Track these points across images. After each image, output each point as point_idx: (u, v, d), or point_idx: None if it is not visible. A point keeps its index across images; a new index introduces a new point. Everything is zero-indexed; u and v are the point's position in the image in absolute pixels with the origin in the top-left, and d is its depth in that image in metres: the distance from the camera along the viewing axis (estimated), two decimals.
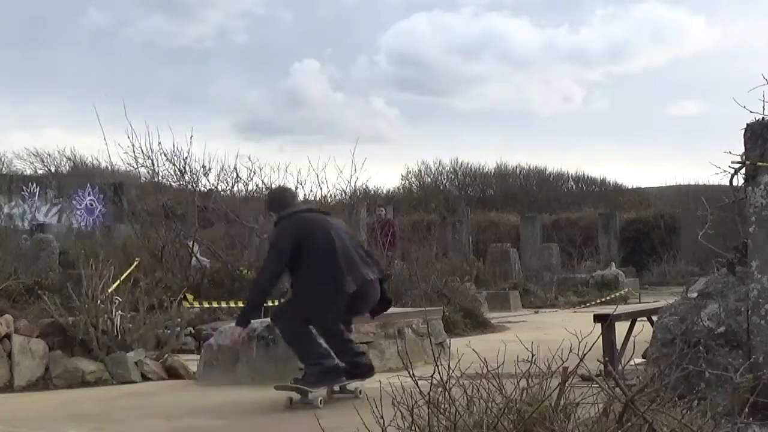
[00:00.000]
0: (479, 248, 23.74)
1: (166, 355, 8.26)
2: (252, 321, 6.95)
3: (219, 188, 15.00)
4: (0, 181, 25.91)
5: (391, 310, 9.02)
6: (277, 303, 9.29)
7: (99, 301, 8.02)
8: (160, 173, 14.44)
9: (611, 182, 37.83)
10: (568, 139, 54.89)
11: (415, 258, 14.27)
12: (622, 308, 8.79)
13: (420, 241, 16.48)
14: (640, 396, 3.23)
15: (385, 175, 58.17)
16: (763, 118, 4.23)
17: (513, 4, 62.00)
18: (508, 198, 34.92)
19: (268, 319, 8.06)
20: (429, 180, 37.54)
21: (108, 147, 24.88)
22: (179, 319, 9.00)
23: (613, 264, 22.23)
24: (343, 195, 16.60)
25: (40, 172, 32.44)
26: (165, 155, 14.08)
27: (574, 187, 37.77)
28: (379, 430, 3.33)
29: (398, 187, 36.51)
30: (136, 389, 7.44)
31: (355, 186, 15.61)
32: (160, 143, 14.05)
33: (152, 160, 14.08)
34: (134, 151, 13.90)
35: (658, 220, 28.26)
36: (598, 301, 17.56)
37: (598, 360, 3.83)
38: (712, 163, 4.32)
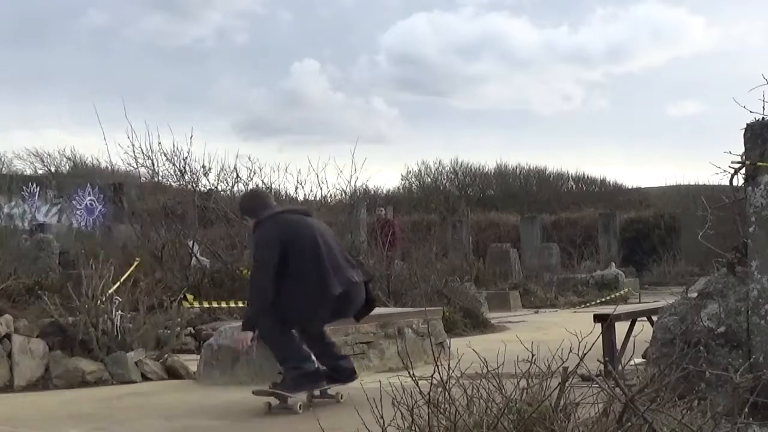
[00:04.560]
0: (479, 248, 23.75)
1: (166, 355, 8.26)
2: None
3: (219, 188, 15.01)
4: (0, 181, 25.91)
5: (392, 310, 9.01)
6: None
7: (99, 301, 8.02)
8: (160, 173, 14.46)
9: (611, 182, 37.86)
10: (568, 139, 54.93)
11: (415, 258, 14.27)
12: (622, 308, 8.79)
13: (420, 241, 16.47)
14: (640, 396, 3.23)
15: (385, 175, 58.21)
16: (763, 118, 4.23)
17: (513, 4, 62.04)
18: (508, 198, 34.93)
19: None
20: (429, 180, 37.55)
21: (108, 147, 24.95)
22: (179, 319, 9.00)
23: (613, 264, 22.23)
24: (343, 195, 16.62)
25: (40, 172, 32.43)
26: (165, 155, 14.10)
27: (574, 187, 37.77)
28: (379, 430, 3.33)
29: (398, 187, 36.54)
30: (136, 389, 7.44)
31: (355, 186, 15.63)
32: (160, 143, 14.07)
33: (152, 160, 14.10)
34: (134, 151, 13.92)
35: (658, 220, 28.27)
36: (598, 301, 17.56)
37: (598, 360, 3.83)
38: (712, 163, 4.33)
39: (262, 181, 15.40)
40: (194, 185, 14.47)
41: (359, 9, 61.93)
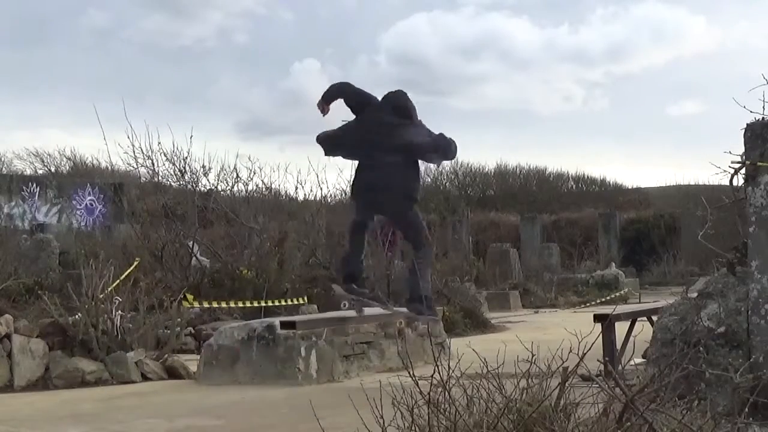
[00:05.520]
0: (479, 248, 23.74)
1: (166, 355, 8.26)
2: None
3: (219, 188, 15.02)
4: (0, 181, 25.91)
5: (391, 310, 8.99)
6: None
7: (99, 301, 8.02)
8: (160, 173, 14.47)
9: (611, 182, 37.91)
10: (568, 139, 54.93)
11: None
12: (622, 308, 8.79)
13: None
14: (640, 396, 3.23)
15: None
16: (763, 118, 4.23)
17: (513, 4, 62.06)
18: (508, 198, 34.93)
19: (268, 320, 8.08)
20: (429, 180, 37.53)
21: (108, 147, 24.96)
22: (179, 319, 8.99)
23: (613, 264, 22.23)
24: (343, 195, 16.62)
25: (40, 172, 32.44)
26: (165, 155, 14.11)
27: (574, 187, 37.79)
28: (379, 430, 3.33)
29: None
30: (136, 389, 7.44)
31: None
32: (160, 143, 14.08)
33: (152, 160, 14.10)
34: (134, 151, 13.93)
35: (658, 220, 28.29)
36: (598, 301, 17.57)
37: (598, 360, 3.82)
38: (712, 163, 4.33)
39: (262, 181, 15.44)
40: (194, 185, 14.48)
41: (359, 9, 61.95)
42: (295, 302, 12.07)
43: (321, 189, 15.36)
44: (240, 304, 11.71)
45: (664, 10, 57.36)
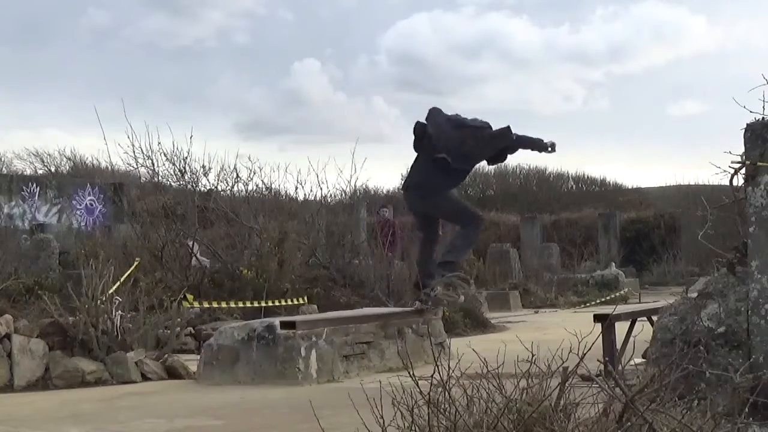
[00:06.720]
0: (479, 248, 23.70)
1: (166, 355, 8.26)
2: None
3: (219, 188, 15.01)
4: (0, 181, 25.91)
5: (391, 310, 9.00)
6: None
7: (99, 301, 8.02)
8: (160, 173, 14.46)
9: (611, 182, 37.90)
10: (568, 139, 54.78)
11: (415, 258, 14.25)
12: (622, 308, 8.78)
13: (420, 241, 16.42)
14: (640, 396, 3.23)
15: (385, 174, 58.39)
16: (763, 118, 4.23)
17: (513, 4, 62.08)
18: (508, 198, 34.90)
19: (268, 320, 8.08)
20: None
21: (108, 147, 24.88)
22: (179, 319, 9.00)
23: (613, 264, 22.22)
24: (343, 195, 16.65)
25: (40, 172, 32.45)
26: (165, 155, 14.11)
27: (574, 187, 37.78)
28: (379, 430, 3.33)
29: (398, 187, 36.42)
30: (136, 389, 7.44)
31: (355, 186, 15.66)
32: (160, 143, 14.08)
33: (152, 160, 14.10)
34: (134, 151, 13.93)
35: (658, 220, 28.27)
36: (598, 301, 17.56)
37: (598, 360, 3.83)
38: (712, 163, 4.32)
39: (262, 181, 15.44)
40: (194, 185, 14.48)
41: (360, 9, 61.95)
42: (295, 302, 12.07)
43: (321, 189, 15.35)
44: (240, 304, 11.71)
45: (664, 10, 57.43)
